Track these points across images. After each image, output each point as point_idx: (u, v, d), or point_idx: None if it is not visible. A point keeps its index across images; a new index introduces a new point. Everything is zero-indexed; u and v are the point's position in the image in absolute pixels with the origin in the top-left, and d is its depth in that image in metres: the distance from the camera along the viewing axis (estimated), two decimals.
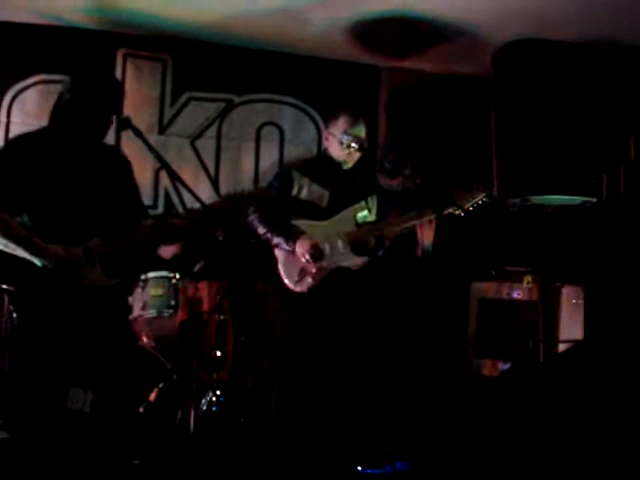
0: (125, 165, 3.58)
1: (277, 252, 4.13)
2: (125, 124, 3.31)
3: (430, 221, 4.05)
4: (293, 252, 4.02)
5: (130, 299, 4.38)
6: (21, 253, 3.13)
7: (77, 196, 3.33)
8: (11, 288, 3.19)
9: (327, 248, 4.05)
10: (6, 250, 3.13)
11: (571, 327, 5.15)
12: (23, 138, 3.46)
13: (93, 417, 3.29)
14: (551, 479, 3.31)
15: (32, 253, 3.12)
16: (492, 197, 3.94)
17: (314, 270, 3.99)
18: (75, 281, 3.21)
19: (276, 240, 4.09)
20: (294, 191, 4.13)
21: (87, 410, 3.30)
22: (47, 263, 3.13)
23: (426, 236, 4.61)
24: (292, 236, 4.04)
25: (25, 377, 3.29)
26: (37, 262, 3.14)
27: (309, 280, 4.00)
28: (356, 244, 4.08)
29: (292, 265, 4.05)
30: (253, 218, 4.17)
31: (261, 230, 4.13)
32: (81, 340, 3.26)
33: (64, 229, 3.28)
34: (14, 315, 3.44)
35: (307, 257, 3.98)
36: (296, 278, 4.03)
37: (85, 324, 3.27)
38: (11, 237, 3.11)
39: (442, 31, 5.38)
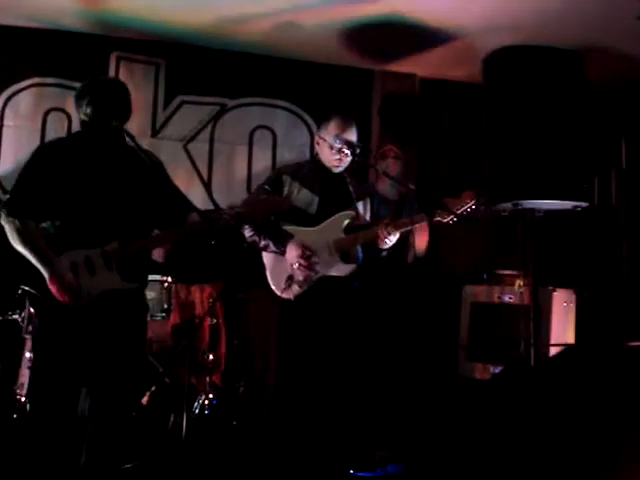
0: (158, 167, 3.52)
1: (265, 258, 4.09)
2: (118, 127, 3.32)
3: (424, 227, 4.03)
4: (282, 255, 3.98)
5: None
6: (34, 262, 3.20)
7: (105, 200, 3.32)
8: (33, 291, 3.23)
9: (314, 259, 4.00)
10: (26, 256, 3.22)
11: (562, 331, 5.17)
12: (52, 145, 3.51)
13: (89, 419, 3.30)
14: None
15: (43, 265, 3.20)
16: (482, 204, 3.94)
17: (301, 278, 3.95)
18: (81, 297, 3.24)
19: (264, 243, 4.00)
20: (284, 195, 4.10)
21: (85, 414, 3.33)
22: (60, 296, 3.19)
23: (419, 242, 4.62)
24: (281, 239, 4.00)
25: (41, 378, 3.32)
26: (45, 275, 3.19)
27: (296, 288, 3.96)
28: (344, 251, 4.04)
29: (279, 272, 4.00)
30: None
31: (248, 233, 4.05)
32: (93, 344, 3.28)
33: (90, 234, 3.29)
34: (34, 318, 3.51)
35: (299, 260, 3.92)
36: (283, 285, 3.95)
37: (100, 328, 3.29)
38: (29, 246, 3.21)
39: (433, 37, 5.42)
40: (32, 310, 3.96)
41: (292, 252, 3.92)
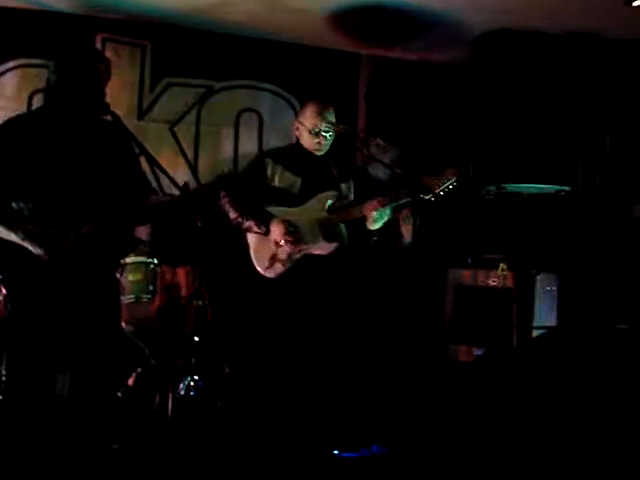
0: (126, 137, 3.43)
1: (249, 238, 4.14)
2: (104, 109, 3.30)
3: (408, 217, 4.08)
4: (266, 235, 4.03)
5: None
6: (14, 238, 3.09)
7: (74, 177, 3.24)
8: (4, 277, 3.17)
9: (298, 235, 4.05)
10: (1, 236, 3.10)
11: (545, 314, 5.22)
12: (15, 120, 3.32)
13: (72, 401, 3.30)
14: (525, 463, 3.36)
15: (28, 238, 3.08)
16: (463, 181, 3.95)
17: (284, 256, 4.01)
18: (69, 268, 3.18)
19: (247, 224, 4.07)
20: (267, 178, 4.15)
21: (65, 394, 3.31)
22: (41, 252, 3.10)
23: (405, 232, 4.65)
24: (264, 219, 4.05)
25: (14, 362, 3.27)
26: (32, 249, 3.09)
27: (279, 266, 4.02)
28: (327, 230, 4.10)
29: (263, 251, 4.06)
30: (224, 202, 4.16)
31: (232, 215, 4.12)
32: (70, 326, 3.24)
33: (62, 213, 3.20)
34: (7, 302, 3.44)
35: (284, 237, 3.98)
36: (267, 264, 4.04)
37: (76, 311, 3.24)
38: (6, 223, 3.10)
39: (421, 19, 5.41)
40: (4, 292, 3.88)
41: (276, 230, 3.99)
